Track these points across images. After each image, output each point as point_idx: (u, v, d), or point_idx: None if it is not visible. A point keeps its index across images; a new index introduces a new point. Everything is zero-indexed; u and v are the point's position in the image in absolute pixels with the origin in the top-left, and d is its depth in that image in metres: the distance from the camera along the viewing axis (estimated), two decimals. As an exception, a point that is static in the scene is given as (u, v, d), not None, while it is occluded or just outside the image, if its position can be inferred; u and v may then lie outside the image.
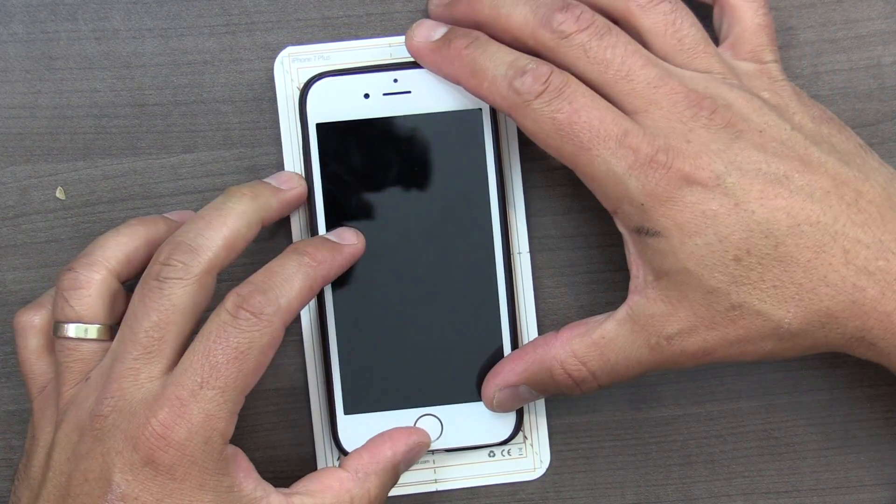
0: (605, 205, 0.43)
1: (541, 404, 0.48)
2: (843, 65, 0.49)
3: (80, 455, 0.41)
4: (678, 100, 0.42)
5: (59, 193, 0.49)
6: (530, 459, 0.48)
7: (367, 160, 0.47)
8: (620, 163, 0.41)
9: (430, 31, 0.45)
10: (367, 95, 0.47)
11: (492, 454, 0.48)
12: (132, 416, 0.41)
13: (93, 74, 0.49)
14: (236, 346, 0.41)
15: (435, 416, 0.47)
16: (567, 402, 0.49)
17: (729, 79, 0.43)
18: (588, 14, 0.42)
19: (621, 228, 0.43)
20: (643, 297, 0.43)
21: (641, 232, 0.42)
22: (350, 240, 0.46)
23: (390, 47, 0.48)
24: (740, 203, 0.41)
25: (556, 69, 0.42)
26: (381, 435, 0.46)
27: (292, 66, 0.48)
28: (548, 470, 0.49)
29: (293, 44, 0.48)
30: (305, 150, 0.47)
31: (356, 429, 0.47)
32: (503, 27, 0.44)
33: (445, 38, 0.44)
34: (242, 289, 0.42)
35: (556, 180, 0.49)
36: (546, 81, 0.41)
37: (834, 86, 0.49)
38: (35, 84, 0.48)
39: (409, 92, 0.47)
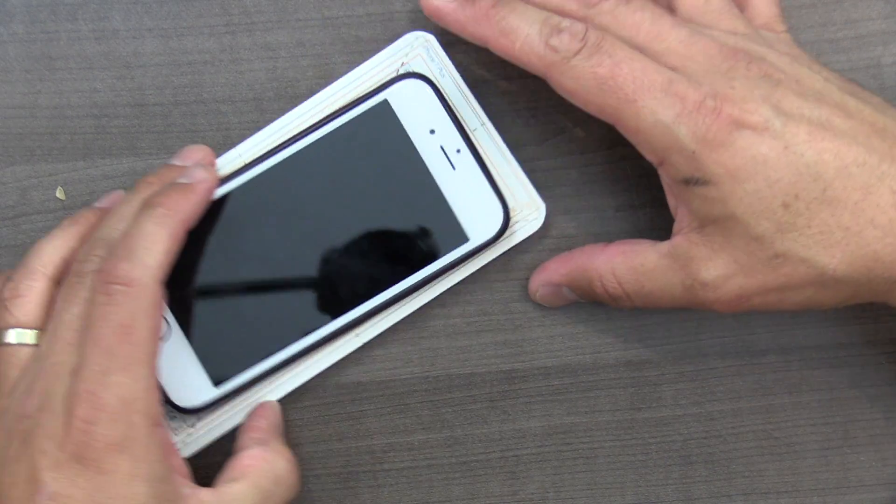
0: (650, 157, 0.42)
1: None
2: (843, 65, 0.49)
3: (9, 459, 0.41)
4: (713, 53, 0.42)
5: (59, 193, 0.49)
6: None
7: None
8: (668, 111, 0.40)
9: None
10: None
11: None
12: (53, 416, 0.40)
13: (93, 74, 0.49)
14: (120, 322, 0.41)
15: None
16: (567, 402, 0.49)
17: (755, 39, 0.43)
18: None
19: (667, 180, 0.43)
20: (686, 240, 0.43)
21: (690, 182, 0.41)
22: (199, 176, 0.45)
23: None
24: (789, 146, 0.40)
25: (591, 26, 0.42)
26: (247, 419, 0.47)
27: None
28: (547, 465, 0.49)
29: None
30: None
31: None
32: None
33: None
34: (106, 264, 0.41)
35: (555, 180, 0.49)
36: (583, 38, 0.41)
37: (834, 86, 0.49)
38: (35, 84, 0.49)
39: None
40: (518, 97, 0.49)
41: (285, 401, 0.49)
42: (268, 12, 0.49)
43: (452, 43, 0.47)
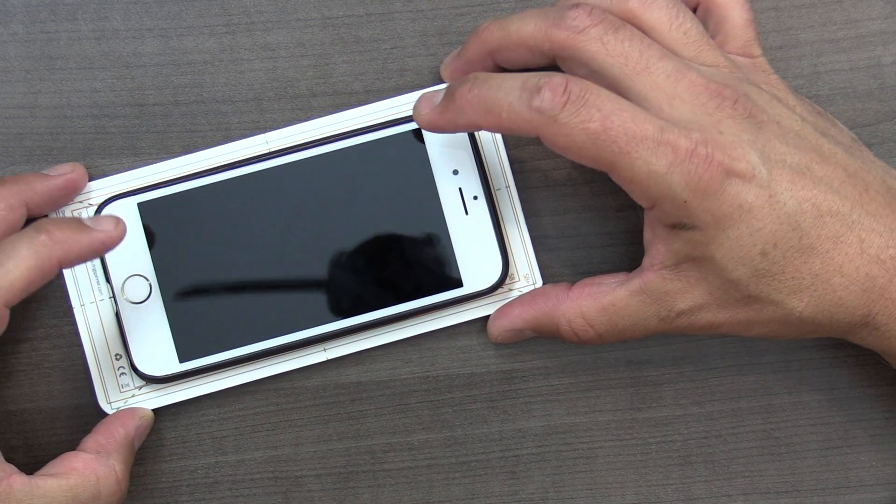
0: (642, 203, 0.42)
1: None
2: (843, 65, 0.49)
3: None
4: (699, 91, 0.42)
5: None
6: None
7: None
8: (661, 161, 0.40)
9: (430, 100, 0.44)
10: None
11: None
12: None
13: (93, 74, 0.49)
14: None
15: None
16: (567, 402, 0.49)
17: (734, 72, 0.43)
18: (599, 10, 0.43)
19: (652, 220, 0.43)
20: (658, 277, 0.43)
21: (677, 227, 0.42)
22: (105, 226, 0.43)
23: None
24: (774, 195, 0.41)
25: (570, 77, 0.41)
26: (109, 417, 0.47)
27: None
28: (547, 470, 0.49)
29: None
30: None
31: None
32: (516, 41, 0.44)
33: (447, 95, 0.43)
34: None
35: (555, 180, 0.49)
36: (565, 91, 0.41)
37: (834, 86, 0.49)
38: (35, 84, 0.48)
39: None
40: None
41: (276, 397, 0.49)
42: (268, 12, 0.49)
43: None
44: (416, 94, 0.47)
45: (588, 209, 0.49)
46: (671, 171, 0.40)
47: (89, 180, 0.48)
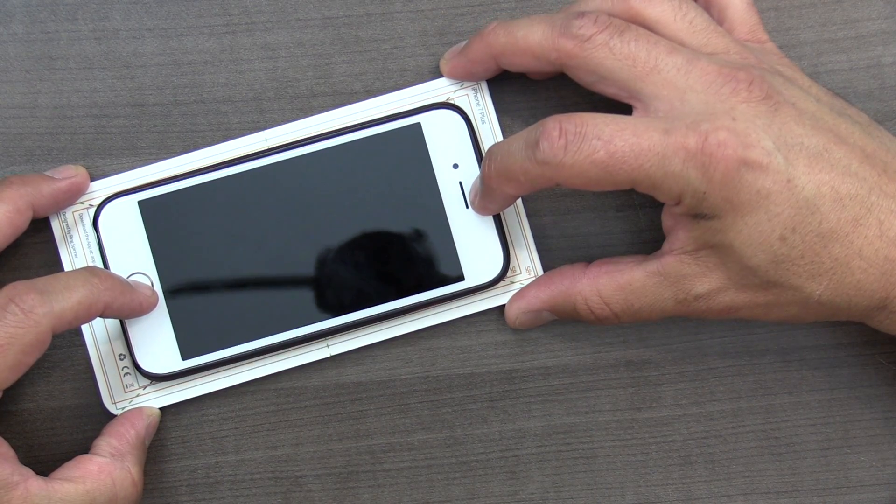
0: (668, 202, 0.42)
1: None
2: (843, 65, 0.49)
3: None
4: (712, 79, 0.42)
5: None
6: None
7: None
8: (674, 161, 0.41)
9: (472, 191, 0.47)
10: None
11: None
12: None
13: (93, 74, 0.49)
14: None
15: None
16: (567, 402, 0.49)
17: (746, 56, 0.43)
18: (604, 16, 0.43)
19: (674, 210, 0.43)
20: (677, 261, 0.43)
21: (699, 216, 0.42)
22: (144, 291, 0.46)
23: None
24: (791, 179, 0.41)
25: (562, 117, 0.41)
26: (118, 419, 0.47)
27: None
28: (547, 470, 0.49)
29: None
30: None
31: None
32: (523, 48, 0.44)
33: (481, 180, 0.45)
34: (20, 284, 0.42)
35: (556, 180, 0.49)
36: (561, 133, 0.41)
37: (834, 86, 0.49)
38: (35, 84, 0.49)
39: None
40: (518, 96, 0.49)
41: (276, 397, 0.49)
42: (268, 12, 0.49)
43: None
44: (415, 89, 0.48)
45: (588, 209, 0.49)
46: (686, 167, 0.41)
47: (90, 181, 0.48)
